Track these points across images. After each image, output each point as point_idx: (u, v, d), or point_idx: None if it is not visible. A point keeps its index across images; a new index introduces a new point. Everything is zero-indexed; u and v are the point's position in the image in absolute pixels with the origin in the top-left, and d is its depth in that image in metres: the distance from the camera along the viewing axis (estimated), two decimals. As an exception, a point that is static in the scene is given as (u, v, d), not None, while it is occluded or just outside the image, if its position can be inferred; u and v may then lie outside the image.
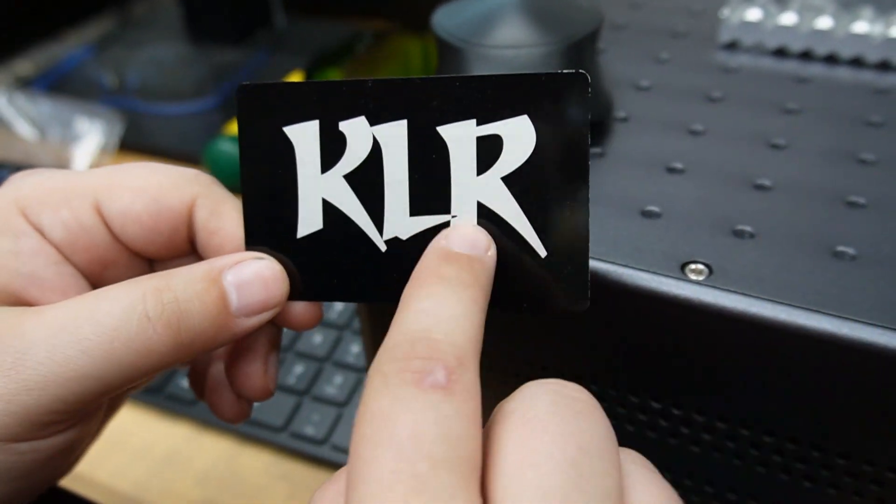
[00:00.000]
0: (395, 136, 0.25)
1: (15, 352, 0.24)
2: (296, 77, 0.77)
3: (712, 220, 0.31)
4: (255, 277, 0.27)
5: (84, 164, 0.77)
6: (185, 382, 0.52)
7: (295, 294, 0.29)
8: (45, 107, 0.81)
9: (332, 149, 0.26)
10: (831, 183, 0.33)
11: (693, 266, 0.29)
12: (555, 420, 0.20)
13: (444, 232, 0.25)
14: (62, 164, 0.77)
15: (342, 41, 0.79)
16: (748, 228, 0.30)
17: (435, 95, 0.25)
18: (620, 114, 0.39)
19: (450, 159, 0.25)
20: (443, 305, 0.22)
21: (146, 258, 0.31)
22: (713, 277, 0.28)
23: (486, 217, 0.25)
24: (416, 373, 0.20)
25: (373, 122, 0.26)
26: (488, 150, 0.25)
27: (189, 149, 0.77)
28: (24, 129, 0.81)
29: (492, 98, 0.25)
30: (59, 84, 0.89)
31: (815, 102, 0.39)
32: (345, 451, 0.47)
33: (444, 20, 0.38)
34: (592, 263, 0.29)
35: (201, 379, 0.34)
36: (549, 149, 0.25)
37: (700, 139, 0.36)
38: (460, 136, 0.25)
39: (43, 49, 1.01)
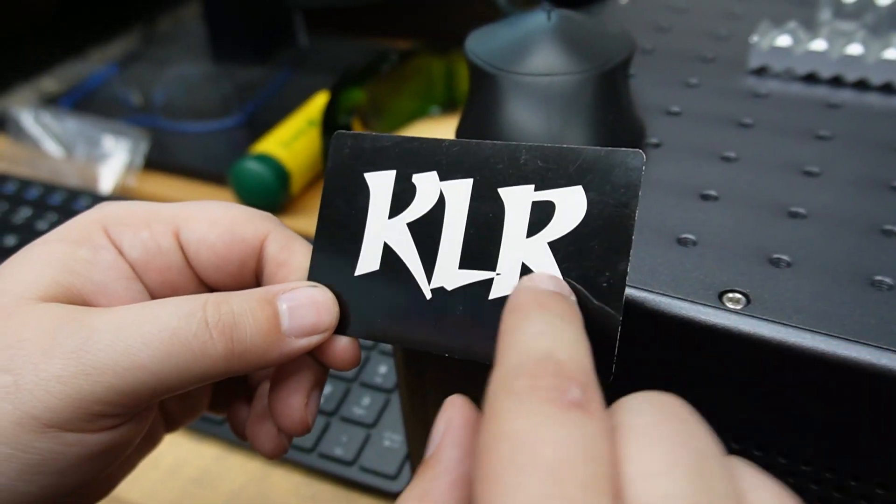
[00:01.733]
0: (459, 193, 0.27)
1: (79, 338, 0.26)
2: (322, 97, 0.78)
3: (748, 248, 0.31)
4: (308, 301, 0.29)
5: (110, 182, 0.78)
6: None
7: (343, 328, 0.30)
8: (71, 125, 0.82)
9: (402, 197, 0.28)
10: (865, 211, 0.33)
11: (731, 295, 0.29)
12: (668, 429, 0.20)
13: (528, 276, 0.25)
14: (88, 181, 0.78)
15: (368, 60, 0.79)
16: (784, 257, 0.31)
17: (501, 159, 0.27)
18: (652, 140, 0.39)
19: (504, 219, 0.26)
20: (558, 329, 0.22)
21: (212, 290, 0.33)
22: (751, 307, 0.28)
23: None
24: (552, 391, 0.20)
25: (442, 178, 0.27)
26: (541, 215, 0.26)
27: (214, 167, 0.77)
28: (51, 147, 0.81)
29: (552, 166, 0.26)
30: (85, 102, 0.90)
31: (847, 129, 0.39)
32: (374, 472, 0.48)
33: (476, 46, 0.38)
34: (630, 291, 0.29)
35: (242, 418, 0.35)
36: (598, 220, 0.25)
37: (733, 166, 0.37)
38: (518, 199, 0.26)
39: (68, 67, 1.03)
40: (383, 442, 0.49)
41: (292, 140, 0.72)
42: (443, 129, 0.83)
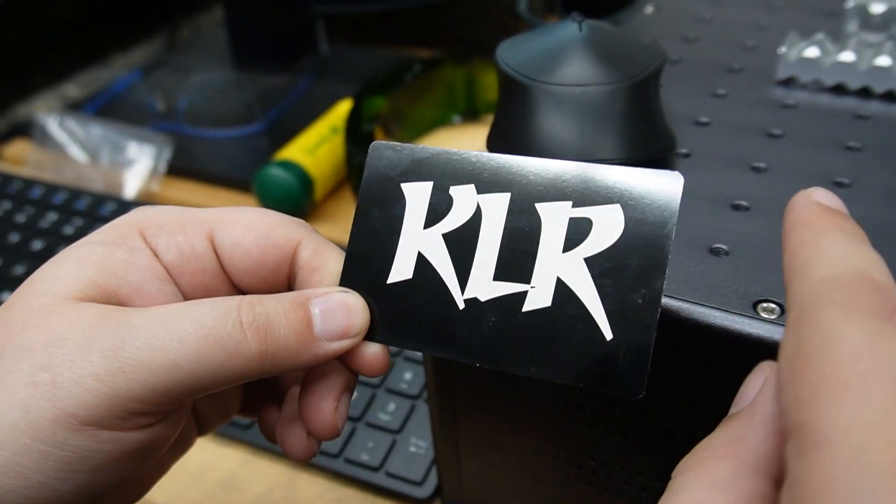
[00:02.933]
0: (497, 206, 0.27)
1: (117, 336, 0.27)
2: (345, 105, 0.78)
3: (781, 258, 0.31)
4: (340, 305, 0.30)
5: (134, 188, 0.78)
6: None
7: (373, 335, 0.31)
8: (95, 130, 0.83)
9: (438, 208, 0.28)
10: (898, 222, 0.33)
11: (765, 304, 0.29)
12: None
13: (804, 191, 0.25)
14: (113, 187, 0.79)
15: (391, 69, 0.80)
16: (818, 267, 0.31)
17: (539, 175, 0.27)
18: (682, 150, 0.39)
19: (540, 234, 0.27)
20: (863, 249, 0.21)
21: (243, 292, 0.33)
22: (785, 317, 0.28)
23: (562, 293, 0.26)
24: (878, 306, 0.19)
25: (480, 191, 0.27)
26: (577, 231, 0.26)
27: (237, 173, 0.78)
28: (76, 153, 0.82)
29: (590, 184, 0.26)
30: (109, 108, 0.91)
31: (876, 140, 0.39)
32: (400, 478, 0.48)
33: (507, 56, 0.39)
34: (664, 300, 0.29)
35: (272, 421, 0.36)
36: (635, 238, 0.26)
37: (763, 176, 0.37)
38: (555, 215, 0.26)
39: (91, 73, 1.04)
40: (409, 448, 0.49)
41: (315, 147, 0.73)
42: (464, 137, 0.84)
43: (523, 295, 0.27)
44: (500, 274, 0.27)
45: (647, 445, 0.34)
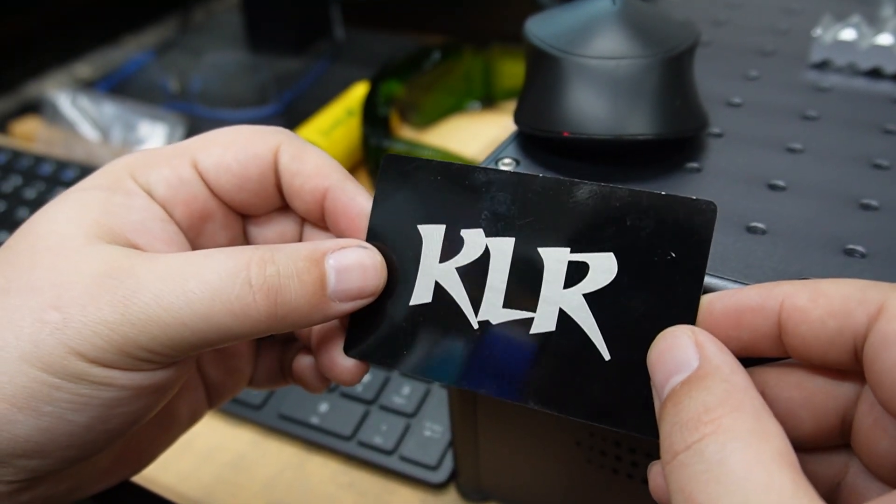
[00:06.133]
0: (503, 248, 0.29)
1: (126, 288, 0.26)
2: (361, 88, 0.77)
3: (821, 238, 0.31)
4: (356, 264, 0.29)
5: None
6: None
7: (392, 362, 0.31)
8: (108, 108, 0.82)
9: (451, 247, 0.30)
10: (941, 205, 0.32)
11: (805, 284, 0.28)
12: None
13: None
14: (124, 166, 0.78)
15: (409, 54, 0.79)
16: (859, 248, 0.30)
17: (541, 221, 0.28)
18: (714, 129, 0.38)
19: (543, 272, 0.28)
20: None
21: (240, 214, 0.34)
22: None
23: (564, 322, 0.28)
24: None
25: (488, 234, 0.29)
26: (576, 272, 0.28)
27: (250, 155, 0.77)
28: (87, 131, 0.81)
29: (585, 233, 0.28)
30: (121, 87, 0.90)
31: (916, 124, 0.38)
32: (415, 462, 0.47)
33: (537, 29, 0.38)
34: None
35: (286, 366, 0.36)
36: (630, 280, 0.27)
37: (799, 157, 0.36)
38: (555, 258, 0.28)
39: (102, 54, 1.03)
40: (424, 432, 0.48)
41: (331, 129, 0.72)
42: (481, 125, 0.83)
43: (530, 320, 0.28)
44: (509, 302, 0.29)
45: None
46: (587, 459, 0.38)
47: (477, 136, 0.80)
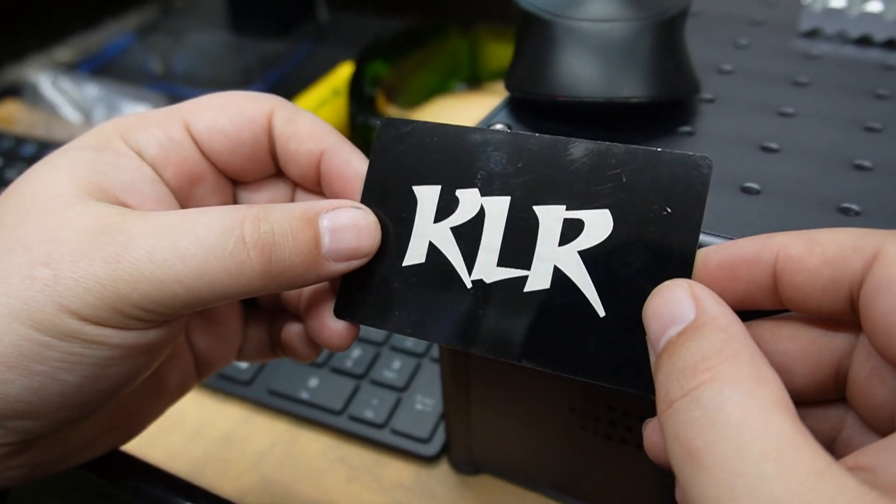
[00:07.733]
0: (498, 207, 0.29)
1: (117, 244, 0.26)
2: (346, 68, 0.77)
3: (815, 197, 0.30)
4: (350, 224, 0.29)
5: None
6: (240, 363, 0.51)
7: (382, 322, 0.31)
8: (90, 90, 0.81)
9: (446, 207, 0.30)
10: (934, 165, 0.32)
11: (801, 241, 0.28)
12: None
13: None
14: (107, 148, 0.77)
15: (394, 34, 0.78)
16: (854, 206, 0.30)
17: (536, 179, 0.28)
18: (706, 95, 0.38)
19: (538, 230, 0.28)
20: None
21: (232, 179, 0.34)
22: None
23: (559, 280, 0.27)
24: None
25: (483, 194, 0.29)
26: (571, 229, 0.28)
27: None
28: (69, 113, 0.80)
29: (580, 190, 0.28)
30: (103, 70, 0.89)
31: (906, 89, 0.38)
32: (406, 435, 0.47)
33: (528, -5, 0.37)
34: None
35: (274, 336, 0.36)
36: (625, 236, 0.27)
37: (791, 121, 0.36)
38: (550, 216, 0.28)
39: (83, 37, 1.01)
40: (415, 405, 0.48)
41: (317, 109, 0.71)
42: (467, 105, 0.82)
43: (525, 278, 0.28)
44: (503, 261, 0.29)
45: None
46: (581, 425, 0.38)
47: (463, 116, 0.80)
